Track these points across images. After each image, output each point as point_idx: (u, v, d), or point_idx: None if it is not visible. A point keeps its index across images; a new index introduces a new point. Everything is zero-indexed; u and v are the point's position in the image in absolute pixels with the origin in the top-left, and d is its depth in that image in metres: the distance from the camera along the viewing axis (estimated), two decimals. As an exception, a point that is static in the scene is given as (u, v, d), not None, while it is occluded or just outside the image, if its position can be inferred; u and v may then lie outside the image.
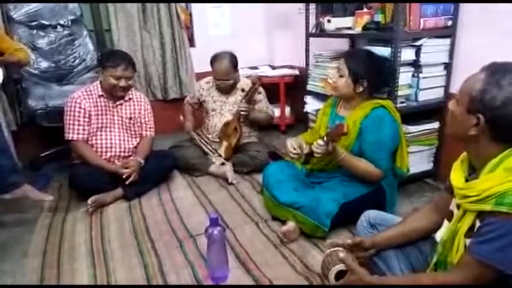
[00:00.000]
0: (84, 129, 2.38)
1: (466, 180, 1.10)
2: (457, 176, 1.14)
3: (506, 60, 1.03)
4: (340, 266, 1.25)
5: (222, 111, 2.83)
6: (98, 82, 2.44)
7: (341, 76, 1.92)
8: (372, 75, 1.90)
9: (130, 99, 2.51)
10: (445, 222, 1.20)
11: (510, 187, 0.96)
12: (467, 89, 1.04)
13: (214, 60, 2.72)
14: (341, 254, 1.25)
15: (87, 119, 2.38)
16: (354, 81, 1.89)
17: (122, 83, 2.35)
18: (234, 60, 2.73)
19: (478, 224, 1.03)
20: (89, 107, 2.38)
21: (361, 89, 1.90)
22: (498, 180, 0.98)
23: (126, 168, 2.36)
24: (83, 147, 2.38)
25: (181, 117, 2.98)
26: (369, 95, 1.96)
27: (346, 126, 1.68)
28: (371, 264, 1.40)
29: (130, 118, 2.51)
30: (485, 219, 1.00)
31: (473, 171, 1.11)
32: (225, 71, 2.69)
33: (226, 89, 2.79)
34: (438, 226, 1.23)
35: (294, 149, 1.97)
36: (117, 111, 2.47)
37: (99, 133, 2.43)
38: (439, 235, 1.20)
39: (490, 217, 0.98)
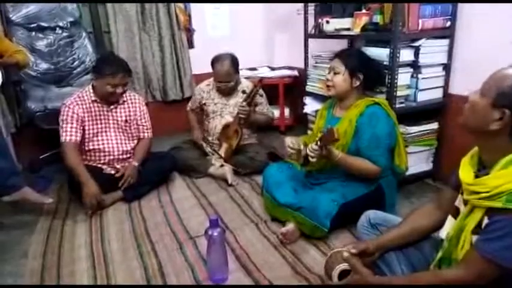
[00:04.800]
0: (76, 132, 2.32)
1: (476, 176, 1.08)
2: (466, 171, 1.12)
3: (507, 61, 1.02)
4: (344, 266, 1.25)
5: (223, 113, 2.83)
6: (90, 87, 2.41)
7: (336, 73, 1.95)
8: (367, 69, 1.94)
9: (124, 101, 2.48)
10: (450, 218, 1.19)
11: None
12: (496, 83, 1.01)
13: (215, 61, 2.72)
14: (345, 254, 1.25)
15: (79, 124, 2.34)
16: (350, 75, 1.92)
17: (119, 89, 2.34)
18: (235, 62, 2.73)
19: (486, 221, 1.02)
20: (82, 113, 2.35)
21: (357, 83, 1.93)
22: (510, 178, 0.97)
23: (122, 176, 2.36)
24: (69, 148, 2.29)
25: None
26: (363, 92, 1.98)
27: (337, 132, 1.68)
28: (372, 265, 1.40)
29: (126, 121, 2.49)
30: (494, 217, 0.99)
31: (482, 168, 1.10)
32: (226, 72, 2.69)
33: (227, 90, 2.79)
34: (441, 224, 1.22)
35: (293, 143, 1.97)
36: (112, 115, 2.45)
37: (95, 138, 2.41)
38: (444, 231, 1.19)
39: (499, 215, 0.97)
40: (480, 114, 1.04)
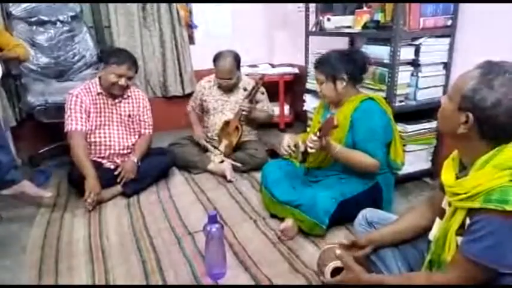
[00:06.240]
0: (86, 122, 2.35)
1: (457, 178, 1.09)
2: (447, 173, 1.14)
3: (504, 60, 1.02)
4: (337, 263, 1.25)
5: (224, 110, 2.84)
6: (97, 79, 2.43)
7: (321, 83, 1.96)
8: (346, 67, 1.91)
9: (129, 96, 2.50)
10: (437, 220, 1.20)
11: (498, 184, 0.96)
12: (459, 87, 1.03)
13: (217, 58, 2.72)
14: (338, 251, 1.25)
15: (86, 114, 2.36)
16: (332, 81, 1.92)
17: (122, 81, 2.35)
18: (237, 59, 2.73)
19: (468, 221, 1.03)
20: (89, 104, 2.37)
21: (344, 83, 1.92)
22: (486, 178, 0.98)
23: (120, 172, 2.36)
24: (78, 138, 2.30)
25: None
26: (354, 87, 1.98)
27: (336, 118, 1.69)
28: (368, 262, 1.41)
29: (129, 115, 2.50)
30: (475, 217, 1.00)
31: (463, 169, 1.11)
32: (228, 69, 2.69)
33: (228, 87, 2.79)
34: (434, 224, 1.23)
35: (289, 147, 1.98)
36: (116, 109, 2.47)
37: (97, 131, 2.42)
38: (432, 233, 1.21)
39: (479, 214, 0.98)
40: (448, 118, 1.06)
